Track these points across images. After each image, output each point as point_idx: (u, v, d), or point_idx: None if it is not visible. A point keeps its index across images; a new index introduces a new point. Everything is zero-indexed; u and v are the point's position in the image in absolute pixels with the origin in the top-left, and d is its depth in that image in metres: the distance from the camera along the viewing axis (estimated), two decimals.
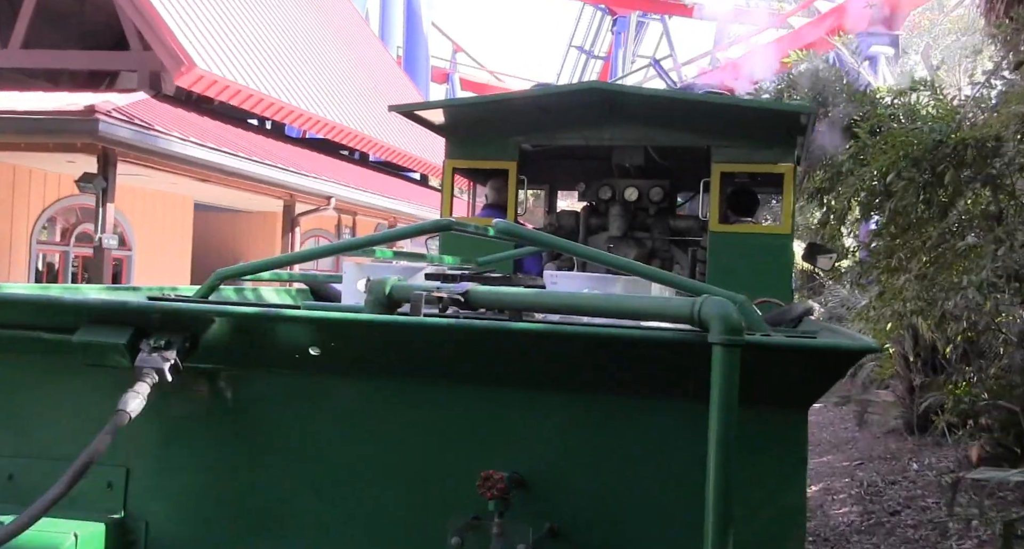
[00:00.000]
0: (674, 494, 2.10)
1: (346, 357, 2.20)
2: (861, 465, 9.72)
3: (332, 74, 21.01)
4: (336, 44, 23.07)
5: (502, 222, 3.01)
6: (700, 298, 1.95)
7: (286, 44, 18.87)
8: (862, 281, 7.42)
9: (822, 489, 8.82)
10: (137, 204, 15.87)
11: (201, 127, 14.10)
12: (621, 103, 6.08)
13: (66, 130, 10.79)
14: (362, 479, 2.25)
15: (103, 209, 11.46)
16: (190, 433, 2.34)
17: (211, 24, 15.31)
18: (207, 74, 13.92)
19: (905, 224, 6.35)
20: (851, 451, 10.72)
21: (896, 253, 6.49)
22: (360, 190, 17.56)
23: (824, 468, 9.86)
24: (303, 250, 3.26)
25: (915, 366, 10.49)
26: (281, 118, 17.19)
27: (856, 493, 8.44)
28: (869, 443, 10.97)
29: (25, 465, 2.39)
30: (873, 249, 6.79)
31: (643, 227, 6.67)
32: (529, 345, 2.11)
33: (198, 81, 13.87)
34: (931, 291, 5.87)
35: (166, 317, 2.21)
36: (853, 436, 11.74)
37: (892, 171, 5.83)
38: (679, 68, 30.03)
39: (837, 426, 12.77)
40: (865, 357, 10.47)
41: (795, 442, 2.08)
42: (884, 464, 9.57)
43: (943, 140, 5.66)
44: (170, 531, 2.32)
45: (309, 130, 18.98)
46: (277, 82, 17.02)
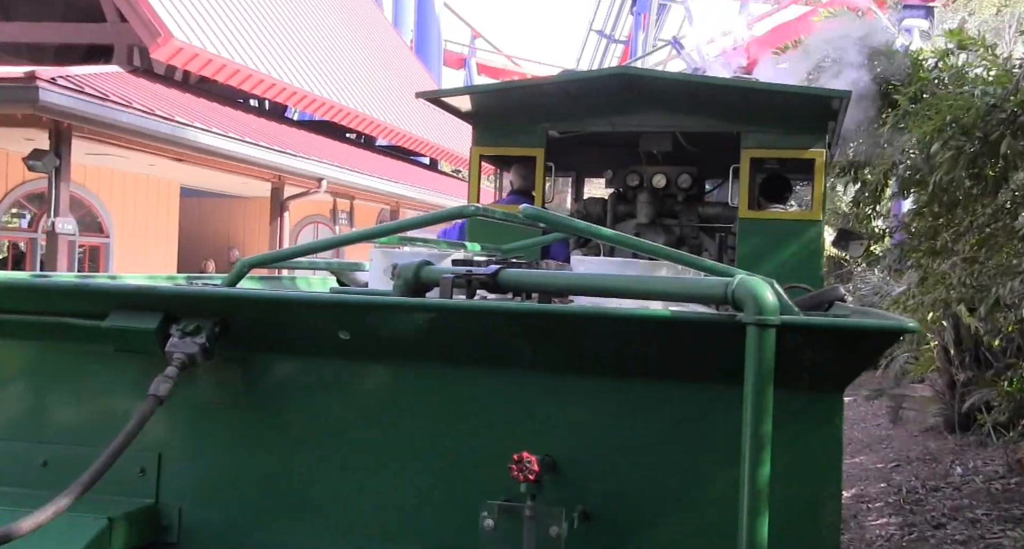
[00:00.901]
0: (707, 477, 2.08)
1: (376, 341, 2.19)
2: (898, 467, 8.95)
3: (336, 55, 20.33)
4: (342, 24, 22.41)
5: (529, 207, 2.99)
6: (734, 278, 1.93)
7: (285, 21, 18.14)
8: (900, 265, 6.79)
9: (855, 496, 7.99)
10: (115, 188, 14.77)
11: (182, 105, 13.04)
12: (649, 89, 6.02)
13: (4, 100, 9.69)
14: (394, 463, 2.24)
15: (56, 190, 10.43)
16: (221, 418, 2.35)
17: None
18: (186, 46, 12.98)
19: (951, 201, 5.71)
20: (886, 451, 9.93)
21: (940, 234, 5.92)
22: (355, 172, 16.39)
23: (857, 470, 9.07)
24: (330, 237, 3.25)
25: (956, 359, 9.73)
26: (273, 96, 16.41)
27: (894, 501, 7.62)
28: (905, 442, 10.16)
29: (58, 451, 2.40)
30: (913, 230, 6.22)
31: (671, 214, 6.62)
32: (560, 327, 2.09)
33: (176, 54, 12.89)
34: (980, 276, 5.31)
35: (196, 302, 2.21)
36: (887, 434, 10.94)
37: (937, 140, 5.23)
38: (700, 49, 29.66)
39: (869, 423, 11.98)
40: (899, 350, 10.23)
41: (831, 424, 2.05)
42: (923, 467, 8.77)
43: (997, 104, 5.04)
44: (203, 516, 2.32)
45: (311, 112, 18.43)
46: (272, 60, 16.24)
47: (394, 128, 20.68)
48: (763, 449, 1.86)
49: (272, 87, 16.13)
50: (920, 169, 5.68)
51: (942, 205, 5.84)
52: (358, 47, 22.37)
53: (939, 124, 5.19)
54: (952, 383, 9.80)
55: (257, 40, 16.25)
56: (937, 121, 5.21)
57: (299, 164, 14.25)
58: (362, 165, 17.56)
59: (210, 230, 19.88)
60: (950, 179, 5.27)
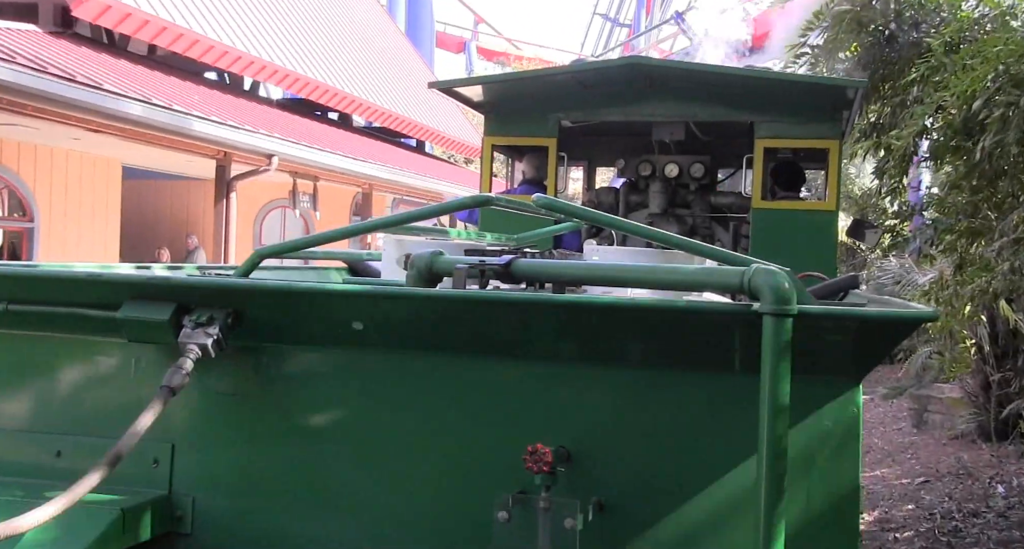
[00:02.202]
0: (723, 468, 2.06)
1: (389, 331, 2.18)
2: (927, 484, 7.67)
3: (313, 30, 19.08)
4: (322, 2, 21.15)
5: (543, 197, 2.97)
6: (750, 267, 1.91)
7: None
8: (930, 249, 5.96)
9: (879, 520, 6.74)
10: (41, 166, 12.87)
11: (115, 72, 11.50)
12: (662, 78, 6.00)
13: None
14: (407, 453, 2.23)
15: None
16: (235, 409, 2.34)
17: None
18: (116, 4, 11.68)
19: (995, 171, 4.78)
20: (911, 463, 8.66)
21: (980, 211, 5.11)
22: (313, 148, 14.40)
23: (879, 487, 7.73)
24: (344, 227, 3.24)
25: (992, 357, 8.70)
26: (227, 66, 14.96)
27: (926, 530, 6.33)
28: (933, 452, 8.90)
29: (72, 442, 2.40)
30: (948, 207, 5.44)
31: (684, 204, 6.60)
32: (574, 317, 2.07)
33: (104, 13, 11.60)
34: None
35: (209, 292, 2.21)
36: (911, 441, 9.70)
37: (981, 94, 4.33)
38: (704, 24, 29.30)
39: (889, 426, 10.75)
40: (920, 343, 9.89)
41: (848, 414, 2.02)
42: (957, 483, 7.51)
43: None
44: (217, 506, 2.32)
45: (283, 88, 17.29)
46: (231, 28, 14.90)
47: (375, 107, 19.46)
48: (780, 439, 1.84)
49: (225, 55, 14.64)
50: (958, 132, 4.77)
51: (983, 176, 4.93)
52: (339, 25, 21.17)
53: (985, 74, 4.29)
54: (987, 384, 8.82)
55: (214, 6, 14.95)
56: (983, 71, 4.31)
57: (244, 138, 12.36)
58: (335, 145, 15.93)
59: (163, 215, 18.08)
60: (996, 143, 4.35)
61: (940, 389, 10.28)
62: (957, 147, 4.97)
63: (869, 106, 6.74)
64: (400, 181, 17.51)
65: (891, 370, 13.24)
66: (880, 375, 13.39)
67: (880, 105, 6.58)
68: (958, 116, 4.61)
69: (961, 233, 5.24)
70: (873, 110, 6.75)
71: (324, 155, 14.66)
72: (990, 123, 4.30)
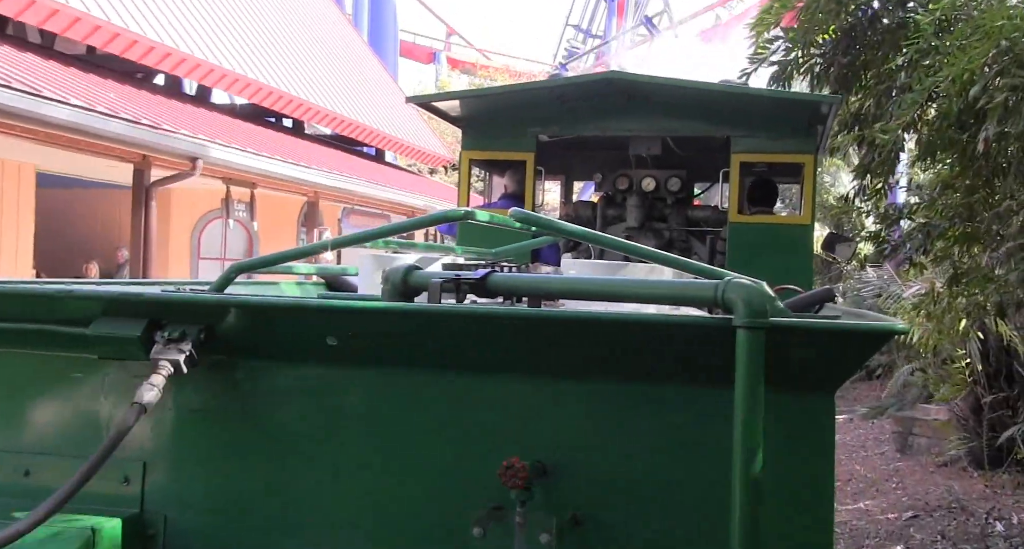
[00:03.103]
0: (698, 481, 2.06)
1: (364, 347, 2.17)
2: (916, 519, 6.97)
3: (267, 34, 18.22)
4: (277, 6, 20.34)
5: (520, 211, 2.97)
6: (723, 280, 1.91)
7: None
8: (921, 256, 5.27)
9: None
10: None
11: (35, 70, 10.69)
12: (639, 93, 6.03)
13: None
14: (382, 470, 2.22)
15: None
16: (207, 426, 2.32)
17: None
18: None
19: (994, 167, 4.32)
20: (896, 493, 7.88)
21: (978, 214, 4.62)
22: (248, 153, 13.14)
23: (863, 522, 6.99)
24: (320, 241, 3.24)
25: (984, 377, 8.00)
26: (170, 69, 14.06)
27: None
28: (920, 481, 8.16)
29: (41, 460, 2.37)
30: (940, 207, 4.91)
31: (661, 218, 6.61)
32: (549, 331, 2.07)
33: (28, 8, 10.81)
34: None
35: (181, 308, 2.19)
36: (896, 468, 8.88)
37: (981, 78, 3.82)
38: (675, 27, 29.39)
39: (872, 451, 9.91)
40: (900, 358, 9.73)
41: (822, 427, 2.03)
42: (950, 519, 6.79)
43: None
44: (189, 524, 2.29)
45: (232, 92, 16.40)
46: (175, 30, 14.07)
47: (331, 113, 18.52)
48: (755, 451, 1.84)
49: (167, 57, 13.76)
50: (952, 123, 4.26)
51: (980, 174, 4.47)
52: (296, 31, 20.36)
53: (985, 52, 3.77)
54: (977, 406, 8.11)
55: (157, 6, 14.13)
56: (983, 49, 3.79)
57: (163, 140, 11.24)
58: (282, 151, 14.95)
59: (89, 226, 16.75)
60: (999, 134, 3.89)
61: (925, 410, 9.58)
62: (951, 141, 4.51)
63: (850, 96, 6.19)
64: (350, 190, 16.42)
65: (870, 387, 12.85)
66: (859, 392, 13.01)
67: (863, 95, 5.90)
68: (954, 103, 4.05)
69: (955, 239, 4.79)
70: (855, 101, 6.11)
71: (259, 160, 13.41)
72: (991, 109, 3.80)
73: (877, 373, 11.48)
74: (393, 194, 18.19)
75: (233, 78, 15.55)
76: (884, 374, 10.62)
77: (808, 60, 6.31)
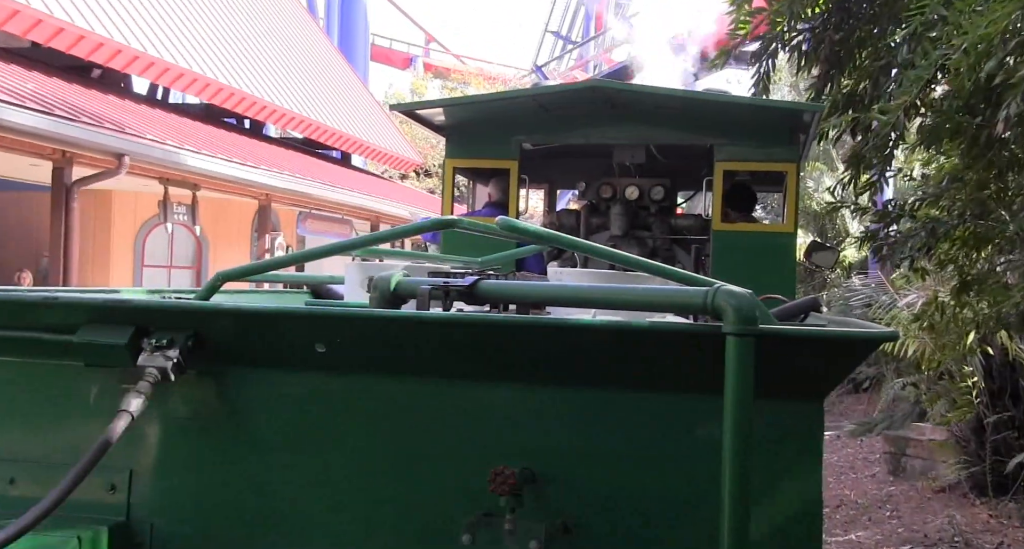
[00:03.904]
0: (688, 489, 2.07)
1: (352, 354, 2.17)
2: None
3: (226, 33, 17.55)
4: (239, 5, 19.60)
5: (506, 219, 2.98)
6: (713, 288, 1.92)
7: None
8: (921, 259, 4.62)
9: None
10: None
11: None
12: (623, 101, 6.06)
13: None
14: (371, 477, 2.21)
15: None
16: (194, 434, 2.31)
17: None
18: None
19: (1011, 158, 3.78)
20: (891, 523, 7.14)
21: (991, 211, 4.14)
22: (185, 150, 12.17)
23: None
24: (306, 250, 3.21)
25: (986, 394, 7.38)
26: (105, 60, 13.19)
27: None
28: (917, 508, 7.41)
29: (26, 469, 2.35)
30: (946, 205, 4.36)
31: (644, 226, 6.65)
32: (538, 338, 2.07)
33: None
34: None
35: (168, 315, 2.18)
36: (889, 493, 8.12)
37: (999, 51, 3.28)
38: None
39: (861, 473, 9.13)
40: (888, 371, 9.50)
41: (811, 435, 2.04)
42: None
43: None
44: (176, 533, 2.28)
45: (176, 88, 15.53)
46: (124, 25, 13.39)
47: (292, 114, 17.81)
48: (744, 459, 1.85)
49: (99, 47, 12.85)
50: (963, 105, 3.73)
51: (992, 165, 3.95)
52: (258, 32, 19.62)
53: (1009, 14, 3.20)
54: (980, 426, 7.45)
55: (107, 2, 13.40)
56: (1007, 9, 3.21)
57: (83, 135, 10.30)
58: (234, 152, 14.08)
59: (16, 232, 15.56)
60: (1020, 117, 3.34)
61: (919, 430, 8.74)
62: (959, 127, 3.99)
63: (841, 77, 5.64)
64: (305, 192, 15.55)
65: (857, 400, 12.35)
66: (846, 407, 12.39)
67: (857, 75, 5.27)
68: (966, 80, 3.52)
69: (963, 240, 4.22)
70: (847, 83, 5.56)
71: (198, 159, 12.39)
72: (1012, 86, 3.30)
73: (864, 386, 10.96)
74: (354, 198, 17.44)
75: (191, 77, 14.90)
76: (872, 387, 10.04)
77: (795, 36, 5.77)
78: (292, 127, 18.94)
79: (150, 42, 14.23)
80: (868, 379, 10.76)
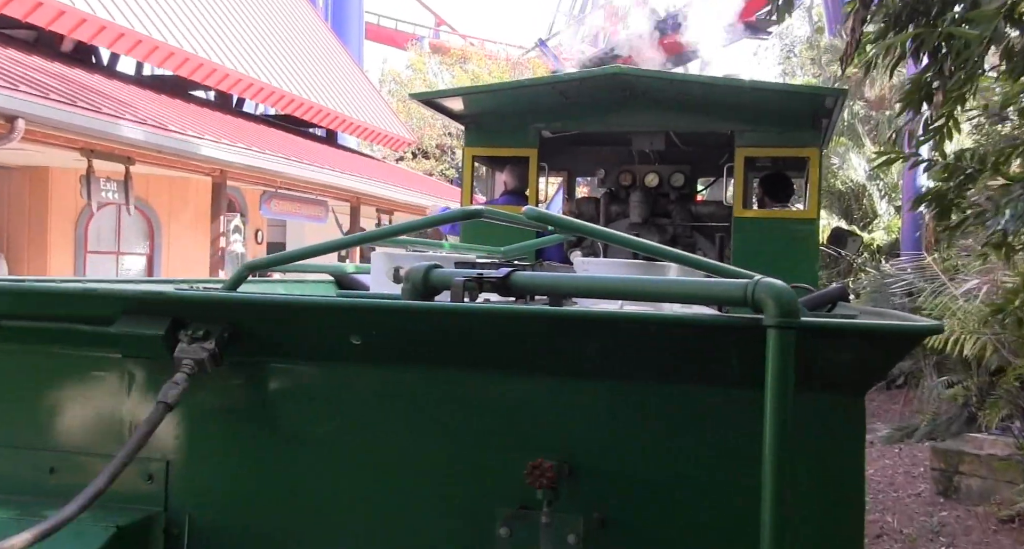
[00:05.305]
0: (726, 483, 2.06)
1: (388, 346, 2.17)
2: None
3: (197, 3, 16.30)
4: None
5: (533, 209, 2.97)
6: (753, 280, 1.91)
7: None
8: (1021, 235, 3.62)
9: None
10: None
11: None
12: (642, 88, 6.04)
13: None
14: (407, 469, 2.22)
15: None
16: (231, 424, 2.32)
17: None
18: None
19: None
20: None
21: None
22: (88, 115, 10.25)
23: None
24: (333, 240, 3.23)
25: None
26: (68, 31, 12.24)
27: None
28: (980, 543, 6.06)
29: (66, 458, 2.36)
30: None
31: (664, 213, 6.63)
32: (576, 330, 2.06)
33: None
34: None
35: (205, 307, 2.18)
36: (941, 520, 6.60)
37: None
38: None
39: (904, 490, 7.62)
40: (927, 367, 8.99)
41: (852, 429, 2.03)
42: None
43: None
44: (213, 523, 2.29)
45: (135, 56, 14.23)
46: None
47: (265, 86, 16.43)
48: (784, 453, 1.84)
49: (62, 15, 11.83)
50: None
51: None
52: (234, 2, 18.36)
53: None
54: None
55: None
56: None
57: None
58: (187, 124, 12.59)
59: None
60: None
61: (976, 442, 7.26)
62: None
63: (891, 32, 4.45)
64: (262, 167, 13.73)
65: (890, 398, 10.75)
66: (878, 405, 10.62)
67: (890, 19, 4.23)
68: None
69: None
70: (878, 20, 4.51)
71: (105, 124, 10.48)
72: None
73: (899, 382, 9.83)
74: (323, 175, 15.59)
75: (150, 45, 13.78)
76: (908, 383, 8.84)
77: None
78: (266, 100, 17.55)
79: (102, 5, 13.13)
80: (903, 375, 9.59)
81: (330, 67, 21.60)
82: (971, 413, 7.29)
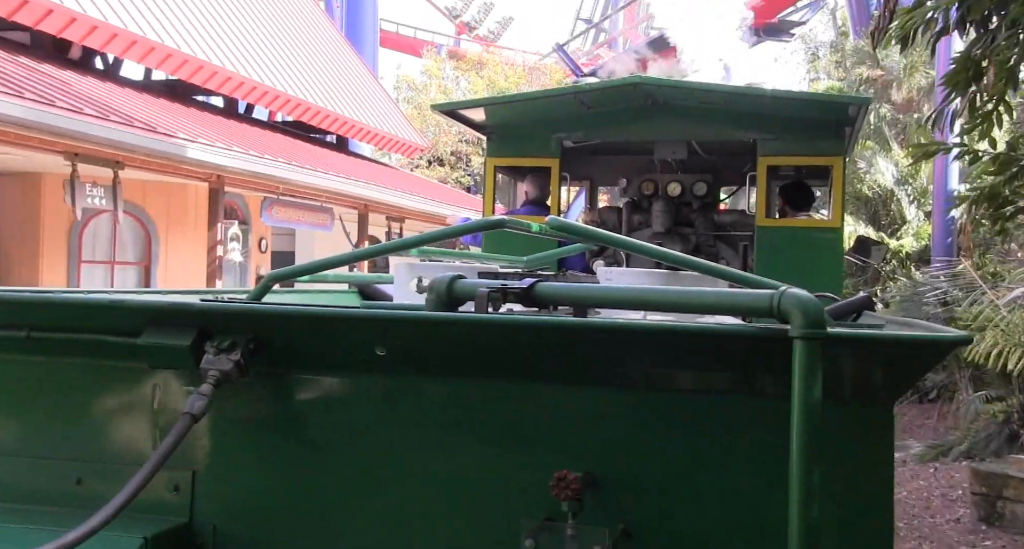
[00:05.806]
0: (753, 495, 2.05)
1: (412, 357, 2.17)
2: None
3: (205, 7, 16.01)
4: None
5: (556, 219, 2.97)
6: (779, 290, 1.89)
7: None
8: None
9: None
10: None
11: None
12: (664, 98, 6.03)
13: None
14: (432, 480, 2.21)
15: None
16: (256, 435, 2.32)
17: None
18: None
19: None
20: None
21: None
22: (84, 117, 9.89)
23: None
24: (358, 250, 3.23)
25: None
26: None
27: None
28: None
29: (93, 469, 2.38)
30: None
31: (687, 222, 6.62)
32: (601, 341, 2.06)
33: None
34: None
35: (230, 318, 2.19)
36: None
37: None
38: None
39: (941, 515, 6.98)
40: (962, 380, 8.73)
41: (881, 441, 2.01)
42: None
43: None
44: (238, 534, 2.30)
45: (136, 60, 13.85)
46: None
47: (272, 91, 16.12)
48: (812, 465, 1.82)
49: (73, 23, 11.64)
50: None
51: None
52: (244, 6, 18.14)
53: None
54: None
55: None
56: None
57: None
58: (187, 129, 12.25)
59: None
60: None
61: (1021, 464, 6.74)
62: None
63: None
64: (265, 173, 13.21)
65: (922, 412, 10.18)
66: (909, 420, 10.02)
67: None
68: None
69: None
70: None
71: (107, 130, 10.12)
72: None
73: (931, 396, 9.42)
74: (331, 182, 15.07)
75: (164, 52, 13.57)
76: (942, 397, 8.42)
77: None
78: (276, 106, 17.26)
79: (110, 11, 12.85)
80: (936, 388, 9.25)
81: (343, 73, 21.50)
82: (1012, 431, 6.86)
